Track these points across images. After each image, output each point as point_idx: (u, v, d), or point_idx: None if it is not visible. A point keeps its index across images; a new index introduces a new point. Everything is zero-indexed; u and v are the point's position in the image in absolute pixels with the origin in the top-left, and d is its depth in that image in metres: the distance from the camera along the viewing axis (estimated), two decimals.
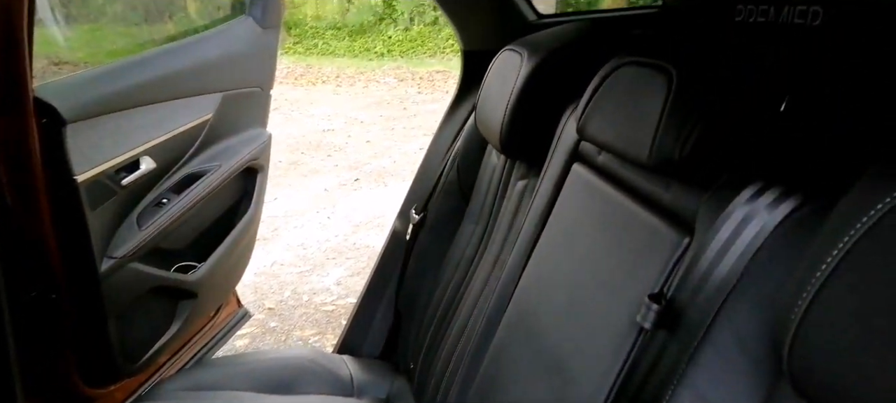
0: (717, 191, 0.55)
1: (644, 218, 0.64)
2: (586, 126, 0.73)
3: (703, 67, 0.58)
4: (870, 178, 0.35)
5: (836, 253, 0.34)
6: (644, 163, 0.60)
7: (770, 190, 0.50)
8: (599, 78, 0.73)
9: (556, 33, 0.99)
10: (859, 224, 0.33)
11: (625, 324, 0.59)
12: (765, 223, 0.48)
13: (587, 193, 0.76)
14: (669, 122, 0.57)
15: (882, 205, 0.32)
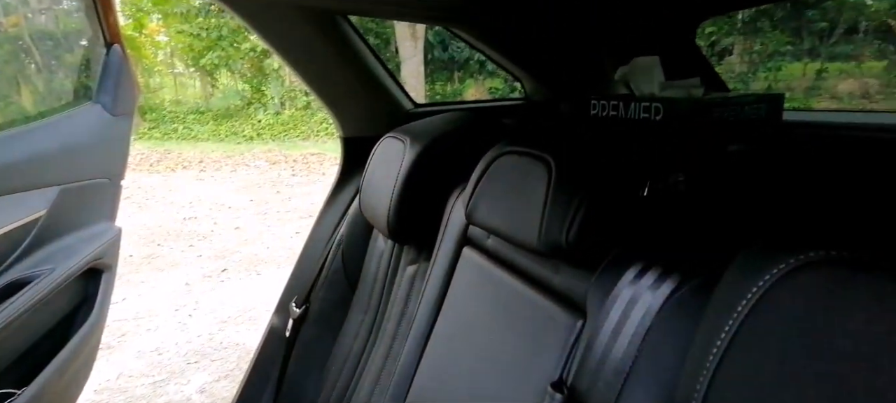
0: (604, 273, 0.58)
1: (538, 302, 0.65)
2: (475, 212, 0.74)
3: (577, 156, 0.63)
4: (744, 259, 0.38)
5: (724, 336, 0.36)
6: (534, 247, 0.61)
7: (651, 270, 0.53)
8: (484, 165, 0.75)
9: (435, 121, 1.02)
10: (740, 306, 0.36)
11: None
12: (650, 305, 0.51)
13: (479, 278, 0.76)
14: (554, 208, 0.60)
15: (759, 286, 0.35)
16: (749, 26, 8.41)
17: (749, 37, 8.44)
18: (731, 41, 8.66)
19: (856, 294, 0.31)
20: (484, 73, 8.51)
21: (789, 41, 8.14)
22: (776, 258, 0.35)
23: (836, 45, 7.88)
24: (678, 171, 0.65)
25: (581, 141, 0.65)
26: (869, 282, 0.30)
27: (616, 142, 0.62)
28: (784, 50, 8.17)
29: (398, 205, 0.91)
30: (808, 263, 0.33)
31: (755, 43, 8.39)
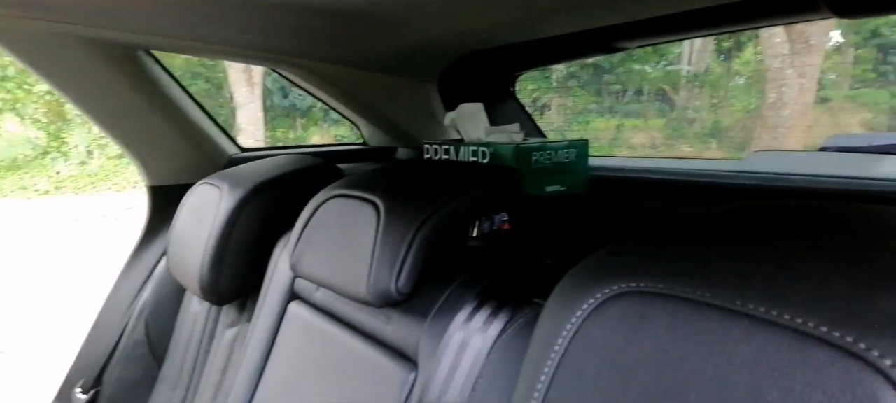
0: (435, 319, 0.56)
1: (369, 356, 0.60)
2: (300, 262, 0.67)
3: (407, 198, 0.61)
4: (559, 296, 0.38)
5: (546, 372, 0.36)
6: (362, 298, 0.57)
7: (481, 310, 0.52)
8: (309, 211, 0.69)
9: (260, 166, 0.94)
10: (558, 343, 0.35)
11: None
12: (480, 347, 0.50)
13: (307, 335, 0.69)
14: (383, 254, 0.56)
15: (573, 322, 0.35)
16: (562, 85, 9.67)
17: (563, 95, 9.69)
18: (549, 98, 9.85)
19: (654, 324, 0.31)
20: (329, 121, 8.40)
21: (594, 100, 9.52)
22: (587, 293, 0.35)
23: (629, 104, 9.42)
24: (502, 211, 0.67)
25: (411, 182, 0.64)
26: (663, 312, 0.31)
27: (445, 183, 0.62)
28: (590, 107, 9.52)
29: (214, 261, 0.80)
30: (613, 296, 0.34)
31: (568, 100, 9.65)
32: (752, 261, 0.30)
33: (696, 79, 8.98)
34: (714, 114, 8.54)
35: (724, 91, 8.74)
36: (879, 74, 7.07)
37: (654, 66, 9.19)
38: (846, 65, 7.57)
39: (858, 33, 7.24)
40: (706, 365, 0.28)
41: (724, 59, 9.15)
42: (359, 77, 1.25)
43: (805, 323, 0.25)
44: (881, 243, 0.29)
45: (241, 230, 0.82)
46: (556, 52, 1.13)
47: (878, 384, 0.23)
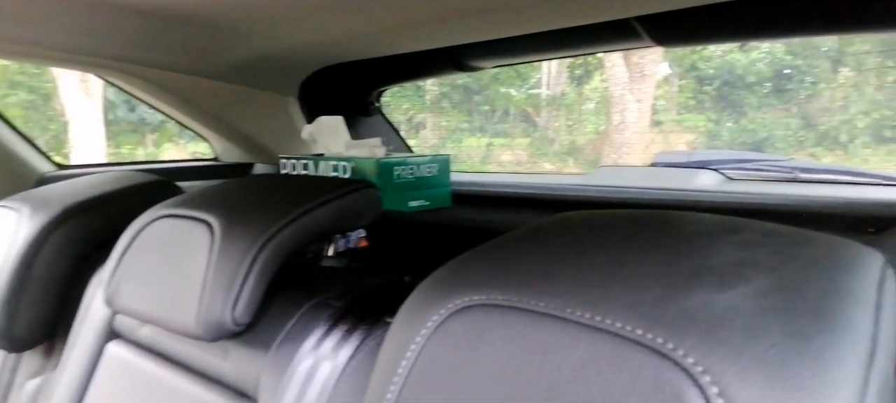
0: (279, 350, 0.50)
1: (203, 398, 0.52)
2: (117, 295, 0.57)
3: (245, 218, 0.55)
4: (406, 312, 0.36)
5: (390, 396, 0.33)
6: (191, 332, 0.50)
7: (333, 333, 0.49)
8: (130, 235, 0.60)
9: (75, 185, 0.80)
10: (404, 361, 0.33)
11: None
12: (328, 374, 0.46)
13: (128, 379, 0.59)
14: (217, 281, 0.50)
15: (417, 341, 0.33)
16: (436, 105, 9.95)
17: (437, 114, 9.97)
18: (424, 117, 10.07)
19: (492, 337, 0.31)
20: (187, 137, 7.69)
21: (466, 119, 9.92)
22: (431, 309, 0.34)
23: (497, 125, 9.97)
24: (359, 228, 0.64)
25: (252, 200, 0.58)
26: (502, 325, 0.31)
27: (293, 200, 0.57)
28: (462, 126, 9.90)
29: (8, 299, 0.66)
30: (456, 311, 0.33)
31: (442, 119, 9.94)
32: (582, 269, 0.31)
33: (554, 103, 9.80)
34: (570, 135, 9.38)
35: (578, 114, 9.65)
36: (698, 102, 8.31)
37: (519, 89, 9.86)
38: (673, 93, 8.80)
39: (681, 66, 8.46)
40: (539, 377, 0.28)
41: (577, 85, 10.12)
42: (210, 87, 1.14)
43: (624, 327, 0.26)
44: (691, 246, 0.31)
45: (46, 261, 0.69)
46: (414, 68, 1.14)
47: (682, 381, 0.23)
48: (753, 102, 7.48)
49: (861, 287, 0.27)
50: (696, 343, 0.24)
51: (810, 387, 0.21)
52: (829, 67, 7.05)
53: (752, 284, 0.26)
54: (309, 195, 0.57)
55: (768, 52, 7.29)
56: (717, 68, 7.83)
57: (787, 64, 7.25)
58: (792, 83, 7.24)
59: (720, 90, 7.88)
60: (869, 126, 6.52)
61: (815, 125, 6.98)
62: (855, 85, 6.85)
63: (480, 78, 9.61)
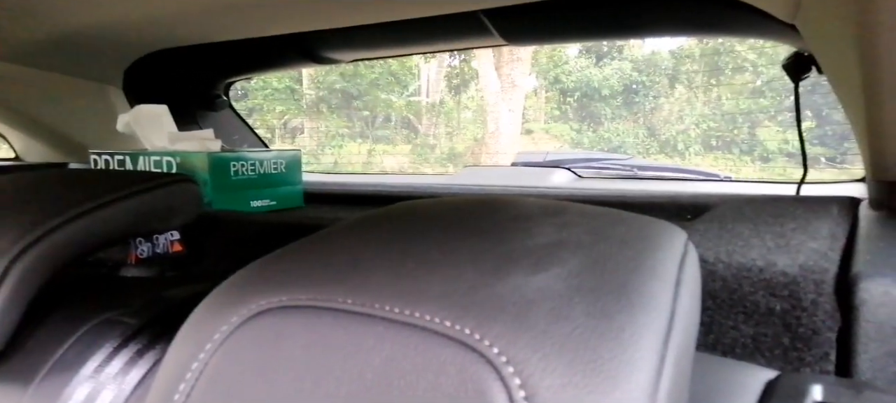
0: (44, 382, 0.40)
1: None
2: None
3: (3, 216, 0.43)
4: (191, 324, 0.30)
5: None
6: None
7: (119, 355, 0.40)
8: None
9: None
10: (192, 369, 0.28)
11: None
12: (113, 398, 0.38)
13: None
14: None
15: (208, 349, 0.27)
16: (313, 109, 9.63)
17: (314, 119, 9.66)
18: (301, 121, 9.69)
19: (291, 343, 0.26)
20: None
21: (346, 124, 9.74)
22: (219, 319, 0.28)
23: (379, 130, 9.93)
24: (171, 230, 0.54)
25: (10, 197, 0.46)
26: (302, 328, 0.26)
27: (71, 197, 0.46)
28: (342, 131, 9.70)
29: None
30: (250, 317, 0.27)
31: (320, 124, 9.65)
32: (395, 261, 0.28)
33: (434, 110, 10.02)
34: (450, 142, 9.64)
35: (457, 121, 9.96)
36: (562, 112, 9.02)
37: (399, 95, 9.92)
38: (541, 103, 9.46)
39: (546, 78, 9.12)
40: (340, 383, 0.24)
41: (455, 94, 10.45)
42: (9, 73, 0.94)
43: (432, 320, 0.24)
44: (511, 229, 0.29)
45: None
46: (263, 57, 1.05)
47: (486, 374, 0.21)
48: (608, 113, 8.29)
49: (663, 263, 0.27)
50: (503, 331, 0.22)
51: (609, 369, 0.21)
52: (667, 84, 8.05)
53: (566, 265, 0.26)
54: (100, 190, 0.47)
55: (618, 69, 8.15)
56: (576, 81, 8.57)
57: (635, 80, 8.16)
58: (639, 97, 8.16)
59: (580, 101, 8.63)
60: (700, 135, 7.57)
61: (658, 134, 7.94)
62: (687, 100, 7.91)
63: (360, 83, 9.51)
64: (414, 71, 10.05)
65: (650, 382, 0.21)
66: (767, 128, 7.08)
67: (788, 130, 6.76)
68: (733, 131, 7.33)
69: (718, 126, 7.49)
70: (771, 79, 7.00)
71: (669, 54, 8.13)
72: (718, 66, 7.57)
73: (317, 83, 9.67)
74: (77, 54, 0.94)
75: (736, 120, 7.32)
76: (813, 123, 6.10)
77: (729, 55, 7.49)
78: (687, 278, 0.27)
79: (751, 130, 7.20)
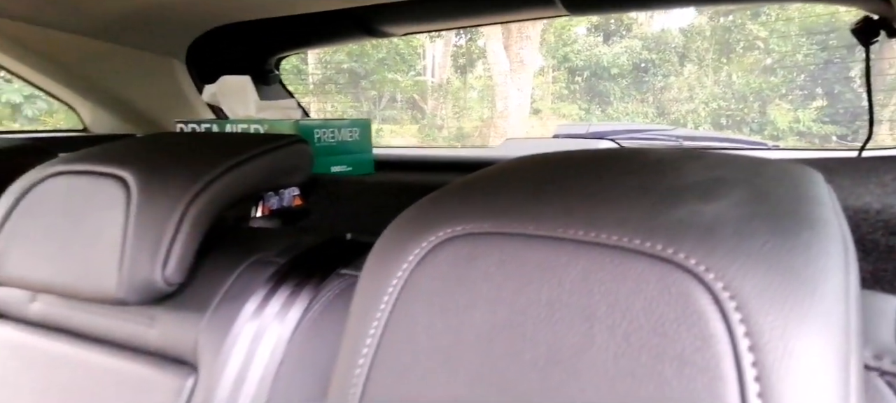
0: (217, 313, 0.46)
1: (125, 369, 0.46)
2: (4, 265, 0.48)
3: (167, 172, 0.49)
4: (380, 252, 0.35)
5: (374, 330, 0.32)
6: (110, 296, 0.44)
7: (277, 294, 0.45)
8: (11, 199, 0.51)
9: None
10: (385, 298, 0.32)
11: None
12: (279, 335, 0.43)
13: (22, 363, 0.50)
14: (140, 239, 0.44)
15: (399, 275, 0.32)
16: (320, 89, 9.61)
17: (321, 98, 9.63)
18: (308, 101, 9.67)
19: (485, 263, 0.31)
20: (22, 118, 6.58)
21: (352, 105, 9.71)
22: (412, 243, 0.33)
23: (386, 111, 9.89)
24: (292, 185, 0.60)
25: (170, 154, 0.52)
26: (493, 250, 0.31)
27: (219, 154, 0.52)
28: (349, 112, 9.68)
29: None
30: (439, 243, 0.32)
31: (327, 104, 9.63)
32: (567, 195, 0.31)
33: (441, 90, 9.97)
34: (457, 122, 9.61)
35: (463, 102, 9.91)
36: (570, 91, 8.97)
37: (405, 75, 9.86)
38: (548, 83, 9.41)
39: (555, 57, 9.06)
40: (539, 294, 0.28)
41: (461, 74, 10.38)
42: (81, 46, 0.99)
43: (620, 240, 0.27)
44: (662, 170, 0.33)
45: None
46: (318, 31, 1.09)
47: (687, 281, 0.25)
48: (617, 92, 8.26)
49: (820, 194, 0.30)
50: (695, 246, 0.25)
51: (805, 276, 0.24)
52: (677, 62, 8.01)
53: (732, 196, 0.28)
54: (237, 148, 0.53)
55: (628, 47, 8.09)
56: (585, 60, 8.51)
57: (644, 58, 8.11)
58: (648, 76, 8.12)
59: (589, 81, 8.58)
60: (709, 114, 7.55)
61: (667, 113, 7.91)
62: (697, 78, 7.86)
63: (366, 63, 9.46)
64: (419, 50, 9.98)
65: (841, 288, 0.24)
66: (778, 106, 7.05)
67: (799, 109, 6.74)
68: (743, 110, 7.31)
69: (728, 105, 7.46)
70: (782, 56, 6.96)
71: (679, 32, 8.06)
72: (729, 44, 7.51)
73: (323, 63, 9.62)
74: (145, 29, 0.99)
75: (746, 98, 7.28)
76: (824, 102, 6.07)
77: (740, 32, 7.42)
78: (838, 209, 0.30)
79: (761, 109, 7.18)
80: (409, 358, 0.31)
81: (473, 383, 0.28)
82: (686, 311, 0.24)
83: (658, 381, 0.24)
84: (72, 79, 1.07)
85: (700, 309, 0.24)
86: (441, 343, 0.30)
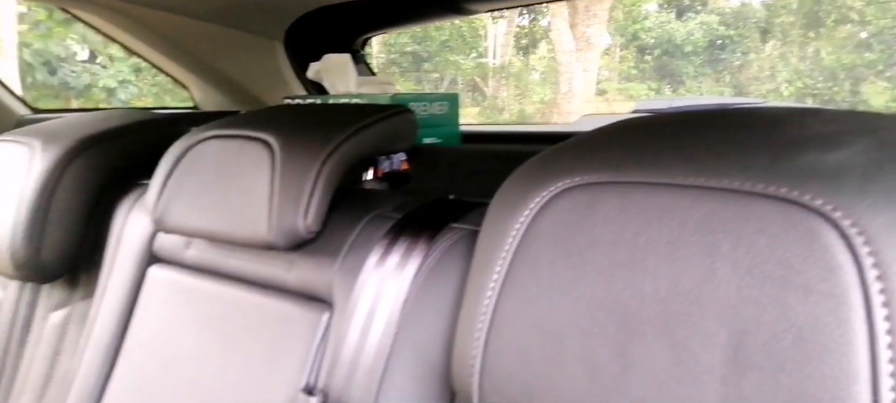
0: (347, 259, 0.52)
1: (268, 306, 0.54)
2: (167, 215, 0.57)
3: (302, 136, 0.56)
4: (500, 203, 0.38)
5: (497, 275, 0.35)
6: (262, 240, 0.51)
7: (395, 247, 0.50)
8: (171, 160, 0.59)
9: (80, 119, 0.76)
10: (508, 243, 0.35)
11: None
12: (399, 286, 0.48)
13: (181, 299, 0.59)
14: (285, 193, 0.51)
15: (522, 221, 0.35)
16: (383, 72, 9.79)
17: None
18: None
19: (605, 209, 0.33)
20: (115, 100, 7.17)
21: (415, 87, 9.85)
22: (532, 193, 0.36)
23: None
24: (400, 151, 0.66)
25: (302, 121, 0.58)
26: (613, 198, 0.33)
27: (341, 121, 0.58)
28: None
29: (31, 231, 0.63)
30: (559, 193, 0.35)
31: None
32: (687, 147, 0.33)
33: (502, 72, 9.89)
34: (519, 104, 9.52)
35: (525, 83, 9.79)
36: (639, 70, 8.65)
37: (466, 57, 9.86)
38: (615, 62, 9.10)
39: (623, 36, 8.75)
40: (659, 235, 0.30)
41: (523, 55, 10.24)
42: (192, 27, 1.10)
43: (743, 185, 0.29)
44: (778, 124, 0.33)
45: (65, 193, 0.67)
46: (405, 11, 1.14)
47: (814, 219, 0.26)
48: (690, 71, 7.87)
49: None
50: (821, 189, 0.26)
51: None
52: (758, 38, 7.51)
53: (855, 146, 0.29)
54: (358, 116, 0.59)
55: (703, 23, 7.67)
56: (656, 37, 8.16)
57: (721, 34, 7.67)
58: (725, 53, 7.67)
59: (660, 59, 8.23)
60: (793, 94, 7.04)
61: (746, 93, 7.46)
62: (780, 55, 7.34)
63: (429, 45, 9.53)
64: (481, 31, 9.91)
65: None
66: (873, 84, 6.46)
67: None
68: (832, 89, 6.76)
69: (815, 83, 6.92)
70: (880, 30, 6.36)
71: (762, 5, 7.53)
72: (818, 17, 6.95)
73: (387, 46, 9.79)
74: (252, 13, 1.08)
75: (836, 76, 6.73)
76: None
77: (831, 4, 6.84)
78: None
79: (853, 87, 6.61)
80: (535, 290, 0.35)
81: (595, 311, 0.31)
82: (812, 247, 0.26)
83: (782, 308, 0.26)
84: (188, 59, 1.18)
85: (827, 244, 0.26)
86: (564, 278, 0.33)
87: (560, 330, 0.33)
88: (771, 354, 0.26)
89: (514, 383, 0.34)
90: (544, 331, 0.33)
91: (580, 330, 0.32)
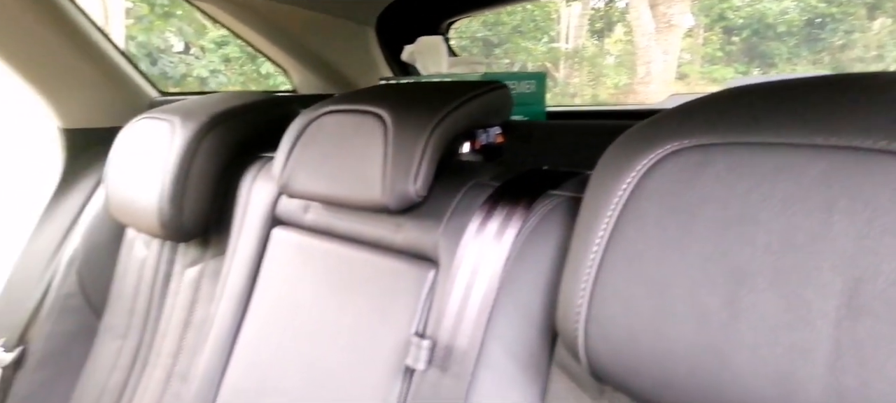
0: (450, 223, 0.57)
1: (379, 263, 0.60)
2: (292, 181, 0.65)
3: (410, 110, 0.61)
4: (605, 167, 0.41)
5: (603, 233, 0.37)
6: (376, 202, 0.57)
7: (495, 212, 0.54)
8: (295, 133, 0.67)
9: (210, 100, 0.87)
10: (613, 204, 0.37)
11: (388, 375, 0.53)
12: (503, 240, 0.51)
13: (301, 256, 0.67)
14: (397, 161, 0.57)
15: (628, 182, 0.37)
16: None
17: None
18: None
19: (715, 169, 0.34)
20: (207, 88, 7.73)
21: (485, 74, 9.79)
22: (640, 155, 0.38)
23: None
24: (495, 126, 0.70)
25: (409, 96, 0.64)
26: (723, 158, 0.34)
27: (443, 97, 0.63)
28: None
29: (174, 196, 0.73)
30: (666, 155, 0.37)
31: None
32: (800, 109, 0.33)
33: (575, 56, 9.62)
34: (592, 89, 9.23)
35: (599, 68, 9.47)
36: (725, 53, 8.11)
37: (538, 42, 9.68)
38: (697, 45, 8.59)
39: (708, 16, 8.23)
40: (773, 191, 0.31)
41: (598, 39, 9.90)
42: (292, 14, 1.19)
43: (863, 142, 0.29)
44: (887, 89, 0.33)
45: (201, 162, 0.76)
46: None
47: None
48: (783, 53, 7.28)
49: None
50: None
51: None
52: (864, 15, 6.82)
53: None
54: (459, 92, 0.63)
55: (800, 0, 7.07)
56: (746, 17, 7.61)
57: (820, 12, 7.03)
58: (825, 32, 7.03)
59: (748, 41, 7.68)
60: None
61: None
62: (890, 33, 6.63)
63: (500, 31, 9.45)
64: (553, 16, 9.68)
65: None
66: None
67: None
68: None
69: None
70: None
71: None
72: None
73: (459, 32, 9.82)
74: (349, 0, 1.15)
75: None
76: None
77: None
78: None
79: None
80: (642, 245, 0.37)
81: (704, 263, 0.33)
82: None
83: None
84: (285, 42, 1.28)
85: None
86: (672, 234, 0.35)
87: (668, 281, 0.34)
88: (888, 301, 0.27)
89: (620, 328, 0.37)
90: (651, 282, 0.35)
91: (689, 281, 0.34)
